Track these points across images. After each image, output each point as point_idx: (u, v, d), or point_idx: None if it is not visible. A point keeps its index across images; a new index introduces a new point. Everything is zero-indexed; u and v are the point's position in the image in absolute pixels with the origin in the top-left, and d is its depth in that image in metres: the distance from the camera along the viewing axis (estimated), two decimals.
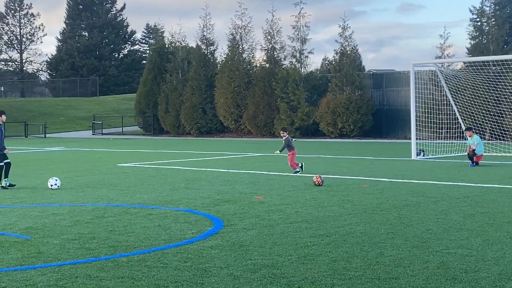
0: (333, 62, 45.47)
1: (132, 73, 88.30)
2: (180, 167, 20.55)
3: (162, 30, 56.96)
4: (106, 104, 70.67)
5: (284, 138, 18.39)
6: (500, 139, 28.95)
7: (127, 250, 8.15)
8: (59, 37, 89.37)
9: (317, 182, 14.67)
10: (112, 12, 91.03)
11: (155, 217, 10.65)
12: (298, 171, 17.81)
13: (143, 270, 7.09)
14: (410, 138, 24.75)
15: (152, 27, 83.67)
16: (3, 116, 15.60)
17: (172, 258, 7.65)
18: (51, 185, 14.81)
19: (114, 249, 8.19)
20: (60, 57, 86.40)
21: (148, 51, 75.56)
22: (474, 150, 19.90)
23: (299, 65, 44.55)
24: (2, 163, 15.31)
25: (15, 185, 15.28)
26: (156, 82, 52.49)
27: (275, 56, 45.96)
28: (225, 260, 7.51)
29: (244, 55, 47.86)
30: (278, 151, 18.71)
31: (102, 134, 54.88)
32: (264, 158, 24.43)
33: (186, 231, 9.33)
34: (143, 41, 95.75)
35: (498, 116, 31.30)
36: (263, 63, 46.79)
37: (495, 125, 30.26)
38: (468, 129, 21.35)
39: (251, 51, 48.07)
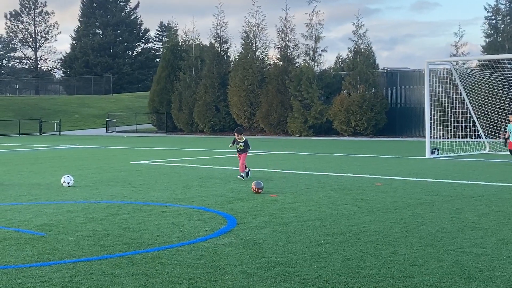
0: (347, 60, 45.34)
1: (145, 71, 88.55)
2: (194, 165, 20.58)
3: (175, 28, 57.19)
4: (119, 102, 70.91)
5: (241, 140, 16.75)
6: None
7: (141, 247, 8.18)
8: (73, 35, 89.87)
9: (254, 190, 13.15)
10: (126, 10, 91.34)
11: (168, 214, 10.68)
12: (243, 176, 16.10)
13: (157, 267, 7.11)
14: (424, 137, 24.65)
15: (166, 25, 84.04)
16: None
17: (186, 255, 7.67)
18: (65, 183, 14.88)
19: (129, 246, 8.22)
20: (74, 55, 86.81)
21: (161, 49, 75.84)
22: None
23: (312, 63, 44.47)
24: None
25: None
26: (170, 80, 52.59)
27: (288, 54, 45.91)
28: (239, 257, 7.52)
29: (257, 53, 47.87)
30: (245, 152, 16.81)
31: (116, 132, 55.07)
32: (277, 156, 24.42)
33: (200, 229, 9.34)
34: (157, 39, 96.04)
35: None
36: (277, 61, 46.77)
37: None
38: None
39: (265, 49, 48.10)
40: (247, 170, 16.42)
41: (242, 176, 16.12)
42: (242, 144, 16.76)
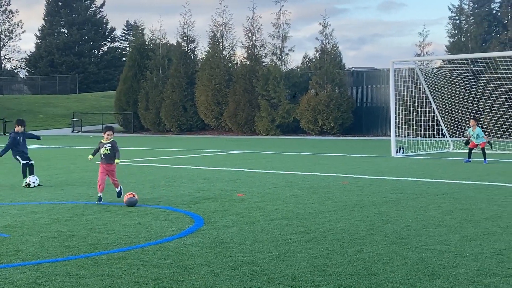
0: (314, 60, 45.63)
1: (112, 70, 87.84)
2: (161, 165, 20.49)
3: (142, 27, 56.88)
4: (85, 101, 70.25)
5: (109, 141, 12.71)
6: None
7: (106, 248, 8.12)
8: (38, 34, 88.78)
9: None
10: (92, 9, 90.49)
11: (135, 214, 10.61)
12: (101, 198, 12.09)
13: (123, 268, 7.07)
14: (390, 136, 24.90)
15: (132, 24, 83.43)
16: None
17: (152, 255, 7.63)
18: (29, 183, 14.69)
19: (94, 247, 8.16)
20: (39, 54, 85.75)
21: (128, 48, 75.32)
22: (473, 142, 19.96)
23: (279, 62, 44.63)
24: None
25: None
26: (136, 79, 52.31)
27: (255, 53, 45.98)
28: (206, 257, 7.51)
29: (224, 53, 47.88)
30: (118, 162, 12.68)
31: (82, 131, 54.57)
32: (244, 156, 24.43)
33: (167, 229, 9.31)
34: (123, 38, 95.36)
35: (477, 114, 31.53)
36: (244, 60, 46.84)
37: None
38: (474, 118, 21.08)
39: (232, 49, 48.16)
40: (118, 189, 12.57)
41: (100, 198, 12.02)
42: (108, 147, 12.56)
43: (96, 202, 11.91)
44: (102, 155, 12.51)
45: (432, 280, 6.40)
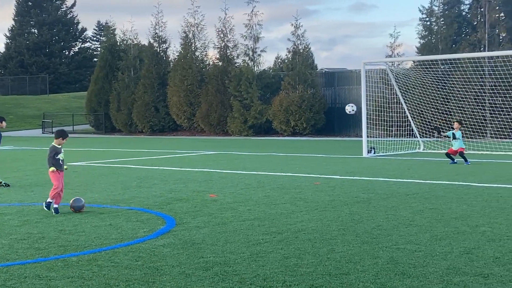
0: (286, 61, 45.71)
1: (83, 71, 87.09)
2: (132, 166, 20.38)
3: (113, 28, 56.61)
4: (56, 102, 69.60)
5: (59, 146, 11.75)
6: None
7: (77, 249, 8.05)
8: (7, 34, 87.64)
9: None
10: (62, 9, 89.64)
11: (106, 216, 10.54)
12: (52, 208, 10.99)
13: (94, 270, 7.02)
14: (361, 136, 25.05)
15: (103, 24, 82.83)
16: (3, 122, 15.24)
17: (123, 257, 7.59)
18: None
19: (64, 249, 8.09)
20: (9, 55, 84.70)
21: (99, 49, 74.77)
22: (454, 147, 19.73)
23: (252, 63, 44.66)
24: None
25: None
26: (108, 80, 51.99)
27: (228, 54, 45.95)
28: (177, 258, 7.48)
29: (197, 53, 47.79)
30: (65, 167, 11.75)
31: (52, 132, 54.00)
32: (217, 156, 24.40)
33: (138, 230, 9.26)
34: (94, 38, 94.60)
35: (447, 114, 31.92)
36: (216, 61, 46.77)
37: (443, 122, 30.84)
38: (459, 121, 20.92)
39: (204, 49, 48.10)
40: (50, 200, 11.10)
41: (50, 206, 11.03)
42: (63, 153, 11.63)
43: (54, 213, 10.82)
44: (61, 161, 11.48)
45: (402, 280, 6.46)
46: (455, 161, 19.47)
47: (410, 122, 27.03)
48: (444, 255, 7.41)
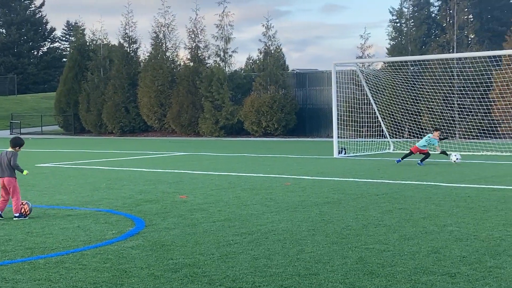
0: (257, 61, 45.73)
1: (52, 71, 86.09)
2: (102, 167, 20.21)
3: (83, 28, 56.01)
4: (24, 103, 68.77)
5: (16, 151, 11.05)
6: (418, 137, 29.77)
7: (44, 252, 7.96)
8: None
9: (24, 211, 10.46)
10: (31, 9, 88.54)
11: (74, 218, 10.44)
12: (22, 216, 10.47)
13: (61, 272, 6.94)
14: (332, 137, 25.16)
15: (73, 24, 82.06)
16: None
17: (91, 259, 7.51)
18: None
19: (31, 251, 7.99)
20: None
21: (68, 49, 74.10)
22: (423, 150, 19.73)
23: (223, 64, 44.60)
24: None
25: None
26: (77, 80, 51.52)
27: (199, 55, 45.85)
28: (146, 260, 7.43)
29: (167, 54, 47.59)
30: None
31: (21, 133, 53.34)
32: (188, 157, 24.32)
33: (107, 232, 9.18)
34: (64, 38, 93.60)
35: (416, 115, 32.21)
36: (187, 61, 46.62)
37: (413, 123, 31.13)
38: (439, 130, 20.86)
39: (175, 50, 47.92)
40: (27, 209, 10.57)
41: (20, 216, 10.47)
42: None
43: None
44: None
45: (371, 279, 6.49)
46: (401, 160, 19.76)
47: (380, 123, 27.22)
48: (412, 255, 7.46)
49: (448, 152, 20.26)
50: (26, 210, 10.50)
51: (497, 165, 19.14)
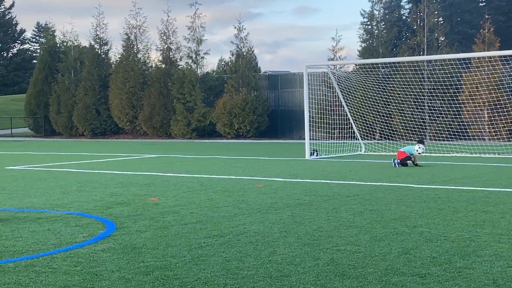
0: (229, 63, 45.74)
1: (21, 73, 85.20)
2: (72, 170, 20.03)
3: (53, 29, 55.47)
4: None
5: None
6: (389, 139, 30.04)
7: (14, 255, 7.86)
8: None
9: None
10: (1, 10, 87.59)
11: (44, 221, 10.32)
12: None
13: (31, 276, 6.86)
14: (304, 139, 25.24)
15: (43, 25, 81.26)
16: None
17: (62, 262, 7.44)
18: None
19: (0, 255, 7.88)
20: None
21: (38, 50, 73.33)
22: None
23: (195, 66, 44.52)
24: None
25: None
26: (47, 82, 51.06)
27: (170, 56, 45.71)
28: (117, 263, 7.38)
29: (139, 55, 47.37)
30: None
31: None
32: (159, 160, 24.22)
33: (77, 235, 9.10)
34: (34, 40, 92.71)
35: (387, 117, 32.49)
36: (159, 63, 46.46)
37: (384, 125, 31.38)
38: (421, 141, 20.45)
39: (146, 52, 47.70)
40: None
41: None
42: None
43: None
44: None
45: (342, 281, 6.52)
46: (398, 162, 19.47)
47: (351, 125, 27.39)
48: (383, 256, 7.52)
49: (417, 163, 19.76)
50: None
51: (467, 167, 19.38)
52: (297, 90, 41.61)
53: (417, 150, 19.67)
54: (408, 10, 51.33)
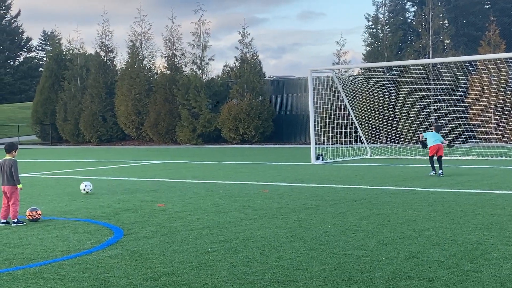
0: (234, 69, 45.79)
1: (28, 81, 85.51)
2: (80, 176, 20.09)
3: (59, 37, 55.78)
4: (1, 113, 68.17)
5: None
6: (395, 143, 30.01)
7: (23, 262, 7.90)
8: None
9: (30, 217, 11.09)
10: (7, 19, 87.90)
11: (52, 228, 10.37)
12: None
13: (39, 283, 6.90)
14: (309, 143, 25.24)
15: (49, 33, 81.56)
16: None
17: (70, 269, 7.48)
18: (84, 189, 14.99)
19: (9, 262, 7.92)
20: None
21: (45, 59, 73.58)
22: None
23: (200, 71, 44.60)
24: None
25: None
26: (54, 90, 51.24)
27: (175, 63, 45.82)
28: (125, 269, 7.41)
29: (144, 62, 47.48)
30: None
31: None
32: (165, 166, 24.26)
33: (85, 242, 9.14)
34: (40, 48, 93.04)
35: (393, 120, 32.45)
36: (164, 70, 46.56)
37: (390, 129, 31.34)
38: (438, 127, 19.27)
39: (152, 58, 47.85)
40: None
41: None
42: None
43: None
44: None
45: (349, 285, 6.53)
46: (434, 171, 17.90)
47: (357, 129, 27.37)
48: (390, 260, 7.52)
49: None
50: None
51: (474, 169, 19.34)
52: (302, 95, 41.63)
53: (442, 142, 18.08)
54: (413, 13, 51.31)
